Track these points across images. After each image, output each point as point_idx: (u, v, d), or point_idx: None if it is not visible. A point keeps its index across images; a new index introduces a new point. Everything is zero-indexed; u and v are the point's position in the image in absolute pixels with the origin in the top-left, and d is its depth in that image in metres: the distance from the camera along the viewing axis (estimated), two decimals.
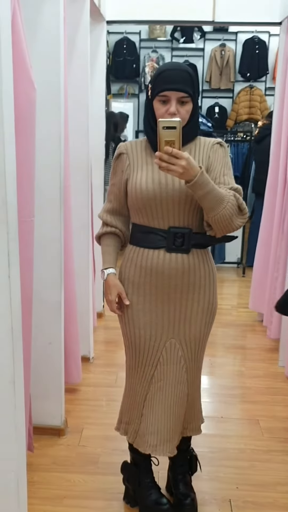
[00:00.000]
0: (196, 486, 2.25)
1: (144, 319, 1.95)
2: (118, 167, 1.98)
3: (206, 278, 1.94)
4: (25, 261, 2.15)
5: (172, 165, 1.64)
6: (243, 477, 2.42)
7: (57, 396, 2.66)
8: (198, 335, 1.97)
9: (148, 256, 1.91)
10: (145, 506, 2.10)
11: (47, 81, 2.34)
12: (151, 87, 1.84)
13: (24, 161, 2.06)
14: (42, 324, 2.55)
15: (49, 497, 2.25)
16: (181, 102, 1.80)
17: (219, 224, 1.77)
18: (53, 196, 2.46)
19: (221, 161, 1.91)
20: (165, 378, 1.97)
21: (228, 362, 3.74)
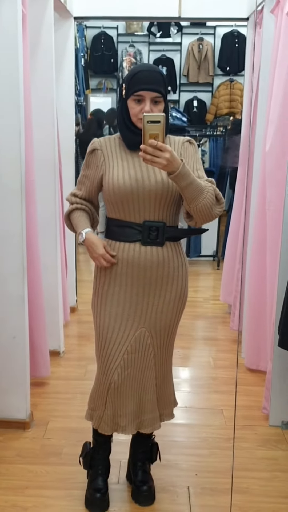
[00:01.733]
0: (156, 474, 2.30)
1: (117, 310, 2.01)
2: (91, 161, 2.03)
3: (179, 269, 2.02)
4: None
5: (157, 158, 1.71)
6: (203, 464, 2.48)
7: (22, 390, 2.70)
8: (168, 323, 2.05)
9: (124, 249, 1.97)
10: (87, 490, 2.21)
11: (6, 78, 2.37)
12: (126, 87, 1.92)
13: None
14: (6, 318, 2.59)
15: (11, 488, 2.29)
16: (154, 102, 1.89)
17: (200, 213, 1.86)
18: (14, 190, 2.49)
19: (193, 158, 2.00)
20: (132, 365, 2.03)
21: (198, 353, 3.80)
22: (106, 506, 2.17)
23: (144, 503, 2.21)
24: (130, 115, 1.93)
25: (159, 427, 2.18)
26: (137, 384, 2.07)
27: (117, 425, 2.10)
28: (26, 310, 2.64)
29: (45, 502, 2.21)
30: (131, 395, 2.07)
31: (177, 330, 2.14)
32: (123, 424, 2.09)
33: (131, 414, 2.09)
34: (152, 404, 2.12)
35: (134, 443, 2.30)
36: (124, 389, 2.05)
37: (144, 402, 2.10)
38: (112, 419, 2.09)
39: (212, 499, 2.26)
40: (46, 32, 3.12)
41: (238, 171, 4.06)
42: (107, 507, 2.17)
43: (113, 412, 2.08)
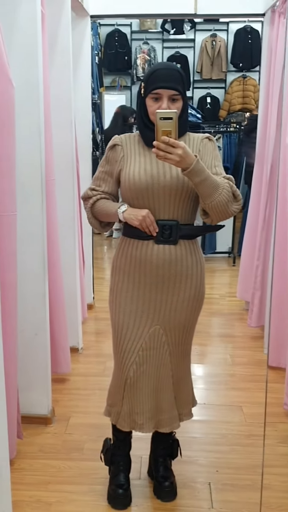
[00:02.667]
0: (176, 470, 2.32)
1: (131, 307, 2.03)
2: (111, 156, 2.05)
3: (193, 267, 2.02)
4: (8, 255, 2.22)
5: (169, 154, 1.73)
6: (223, 460, 2.49)
7: (44, 386, 2.73)
8: (183, 322, 2.05)
9: (138, 247, 1.99)
10: (109, 486, 2.24)
11: (26, 78, 2.39)
12: (144, 85, 1.94)
13: (4, 156, 2.12)
14: (28, 316, 2.62)
15: (34, 483, 2.32)
16: (172, 100, 1.90)
17: (216, 210, 1.86)
18: (35, 191, 2.51)
19: (211, 154, 2.00)
20: (147, 362, 2.05)
21: (215, 350, 3.81)
22: (128, 502, 2.20)
23: (166, 499, 2.23)
24: (148, 113, 1.94)
25: (178, 426, 2.18)
26: (153, 382, 2.08)
27: (134, 422, 2.12)
28: (47, 307, 2.67)
29: (68, 497, 2.24)
30: (148, 392, 2.08)
31: (194, 329, 2.14)
32: (140, 422, 2.10)
33: (148, 412, 2.10)
34: (169, 403, 2.12)
35: (154, 440, 2.32)
36: (140, 385, 2.07)
37: (161, 401, 2.11)
38: (129, 416, 2.11)
39: (234, 495, 2.27)
40: (64, 31, 3.14)
41: (255, 166, 4.05)
42: (130, 503, 2.19)
43: (130, 409, 2.10)
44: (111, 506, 2.18)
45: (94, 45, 7.32)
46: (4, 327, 1.97)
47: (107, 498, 2.21)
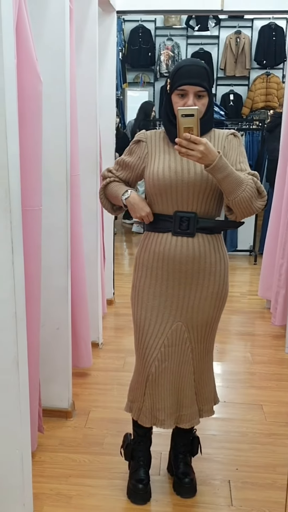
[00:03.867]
0: (196, 467, 2.32)
1: (153, 302, 2.03)
2: (135, 150, 2.07)
3: (217, 264, 2.01)
4: (33, 248, 2.23)
5: (191, 150, 1.73)
6: (243, 459, 2.49)
7: (65, 380, 2.75)
8: (206, 319, 2.05)
9: (157, 241, 2.00)
10: (129, 481, 2.24)
11: (53, 73, 2.39)
12: (170, 82, 1.94)
13: (30, 151, 2.13)
14: (50, 310, 2.63)
15: (55, 476, 2.34)
16: (197, 96, 1.89)
17: (239, 206, 1.85)
18: (60, 186, 2.52)
19: (236, 150, 1.99)
20: (169, 359, 2.05)
21: (235, 348, 3.80)
22: (148, 497, 2.20)
23: (186, 495, 2.23)
24: (174, 110, 1.93)
25: (198, 422, 2.18)
26: (175, 378, 2.08)
27: (155, 418, 2.12)
28: (69, 301, 2.69)
29: (88, 491, 2.25)
30: (169, 388, 2.08)
31: (217, 326, 2.14)
32: (162, 418, 2.11)
33: (169, 408, 2.10)
34: (190, 400, 2.12)
35: (175, 436, 2.32)
36: (162, 382, 2.07)
37: (182, 397, 2.11)
38: (150, 412, 2.11)
39: (253, 493, 2.26)
40: (91, 27, 3.14)
41: (279, 164, 4.02)
42: (149, 498, 2.20)
43: (152, 405, 2.10)
44: (131, 501, 2.19)
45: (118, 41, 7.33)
46: (27, 320, 1.98)
47: (126, 493, 2.22)
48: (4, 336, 1.81)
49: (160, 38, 8.65)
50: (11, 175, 1.70)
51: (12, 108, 1.70)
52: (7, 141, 1.66)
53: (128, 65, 8.62)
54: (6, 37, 1.62)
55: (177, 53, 8.53)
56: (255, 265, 5.75)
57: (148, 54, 8.59)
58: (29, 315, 2.06)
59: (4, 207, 1.72)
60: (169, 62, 8.49)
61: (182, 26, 8.55)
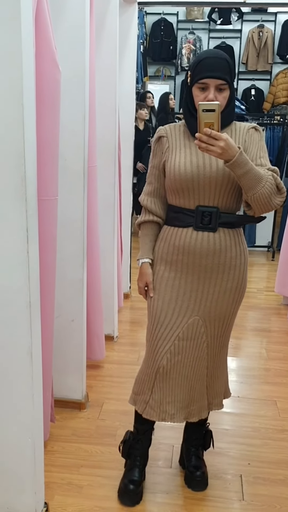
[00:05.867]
0: (208, 460, 2.32)
1: (171, 295, 2.02)
2: (158, 149, 2.05)
3: (237, 259, 1.99)
4: (49, 239, 2.23)
5: (211, 146, 1.71)
6: (255, 454, 2.47)
7: (79, 371, 2.76)
8: (223, 313, 2.03)
9: (178, 235, 1.98)
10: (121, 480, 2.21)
11: (73, 63, 2.38)
12: (191, 74, 1.91)
13: (48, 141, 2.13)
14: (65, 302, 2.64)
15: (67, 466, 2.35)
16: (219, 89, 1.86)
17: (258, 203, 1.82)
18: (77, 176, 2.52)
19: (257, 145, 1.96)
20: (183, 352, 2.03)
21: (250, 344, 3.78)
22: (138, 499, 2.15)
23: (197, 489, 2.22)
24: (194, 103, 1.91)
25: (206, 415, 2.17)
26: (188, 372, 2.06)
27: (165, 413, 2.09)
28: (84, 294, 2.69)
29: (100, 481, 2.25)
30: (181, 382, 2.06)
31: (234, 321, 2.12)
32: (172, 412, 2.08)
33: (180, 402, 2.08)
34: (200, 394, 2.11)
35: (187, 430, 2.31)
36: (173, 375, 2.05)
37: (194, 392, 2.09)
38: (159, 406, 2.09)
39: (265, 489, 2.25)
40: (111, 17, 3.12)
41: None
42: (139, 500, 2.15)
43: (161, 399, 2.08)
44: (119, 501, 2.14)
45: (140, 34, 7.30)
46: (41, 311, 1.99)
47: (117, 491, 2.18)
48: (18, 325, 1.81)
49: (182, 32, 8.60)
50: (27, 163, 1.70)
51: (30, 97, 1.69)
52: (24, 129, 1.66)
53: (149, 58, 8.58)
54: (25, 26, 1.61)
55: (198, 47, 8.48)
56: (272, 261, 5.71)
57: (169, 47, 8.56)
58: (43, 306, 2.06)
59: (19, 195, 1.72)
60: (191, 56, 8.44)
61: (204, 20, 8.49)
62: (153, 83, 8.71)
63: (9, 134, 1.66)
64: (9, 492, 1.97)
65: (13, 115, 1.65)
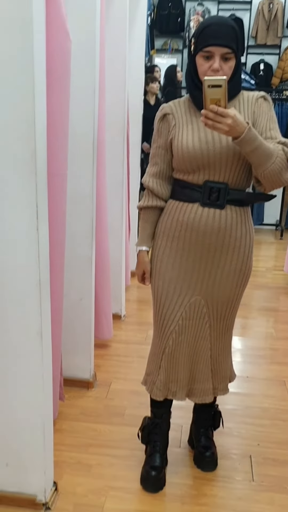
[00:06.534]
0: (217, 441, 2.30)
1: (172, 274, 1.96)
2: (163, 128, 1.95)
3: (242, 239, 1.92)
4: (58, 215, 2.17)
5: (218, 123, 1.63)
6: (265, 434, 2.45)
7: (87, 350, 2.73)
8: (227, 296, 1.97)
9: (183, 210, 1.91)
10: (143, 466, 2.16)
11: (83, 33, 2.30)
12: (194, 42, 1.79)
13: (57, 112, 2.05)
14: (74, 280, 2.59)
15: (75, 445, 2.33)
16: (224, 58, 1.75)
17: (269, 179, 1.75)
18: (86, 151, 2.45)
19: (266, 115, 1.86)
20: (186, 332, 1.99)
21: (259, 323, 3.74)
22: (161, 485, 2.11)
23: (206, 469, 2.20)
24: (198, 73, 1.80)
25: (210, 400, 2.12)
26: (191, 351, 2.03)
27: (168, 390, 2.07)
28: (93, 272, 2.64)
29: (109, 461, 2.24)
30: (184, 362, 2.03)
31: (238, 305, 2.05)
32: (174, 389, 2.06)
33: (182, 381, 2.06)
34: (204, 375, 2.07)
35: (196, 411, 2.29)
36: (177, 355, 2.02)
37: (196, 371, 2.06)
38: (164, 385, 2.06)
39: (275, 469, 2.23)
40: None
41: None
42: (163, 486, 2.11)
43: (166, 378, 2.05)
44: (142, 488, 2.10)
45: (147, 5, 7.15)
46: (51, 290, 1.94)
47: (140, 478, 2.14)
48: (28, 304, 1.78)
49: (190, 3, 8.41)
50: (38, 136, 1.64)
51: (41, 66, 1.62)
52: (34, 100, 1.59)
53: (157, 31, 8.41)
54: None
55: None
56: (281, 240, 5.66)
57: (177, 19, 8.37)
58: (52, 284, 2.01)
59: (29, 170, 1.66)
60: None
61: None
62: (160, 57, 8.55)
63: (19, 106, 1.60)
64: (18, 472, 1.96)
65: (23, 85, 1.58)
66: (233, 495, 2.08)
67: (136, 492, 2.08)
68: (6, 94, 1.60)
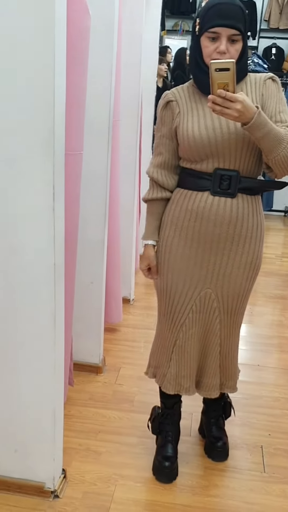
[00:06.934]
0: (229, 430, 2.26)
1: (181, 265, 1.88)
2: (167, 116, 1.86)
3: (254, 230, 1.84)
4: (72, 196, 2.10)
5: (227, 109, 1.54)
6: (276, 424, 2.42)
7: (97, 335, 2.69)
8: (237, 290, 1.89)
9: (192, 198, 1.82)
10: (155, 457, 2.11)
11: (102, 10, 2.22)
12: (200, 22, 1.68)
13: (75, 90, 1.97)
14: (85, 263, 2.54)
15: (84, 431, 2.30)
16: (231, 40, 1.65)
17: (280, 165, 1.67)
18: (102, 130, 2.39)
19: (275, 97, 1.77)
20: (197, 325, 1.93)
21: (268, 311, 3.70)
22: (174, 475, 2.06)
23: (218, 459, 2.17)
24: (203, 55, 1.70)
25: (217, 395, 2.06)
26: (200, 346, 1.97)
27: (180, 385, 2.01)
28: (105, 255, 2.59)
29: (118, 448, 2.20)
30: (193, 355, 1.97)
31: (248, 299, 1.97)
32: (187, 385, 2.01)
33: (192, 375, 2.01)
34: (212, 370, 2.01)
35: (206, 401, 2.24)
36: (187, 348, 1.96)
37: (205, 365, 2.01)
38: (175, 379, 2.01)
39: (286, 461, 2.20)
40: None
41: None
42: (176, 477, 2.07)
43: (177, 372, 2.00)
44: (155, 478, 2.05)
45: None
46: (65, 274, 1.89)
47: (152, 468, 2.09)
48: (42, 288, 1.72)
49: None
50: (57, 115, 1.58)
51: (61, 42, 1.55)
52: (54, 78, 1.52)
53: (168, 11, 8.25)
54: None
55: None
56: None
57: (189, 0, 8.21)
58: (65, 267, 1.96)
59: (47, 149, 1.60)
60: None
61: None
62: (170, 38, 8.40)
63: (39, 83, 1.53)
64: (26, 458, 1.92)
65: (43, 62, 1.51)
66: (245, 487, 2.04)
67: (146, 482, 2.04)
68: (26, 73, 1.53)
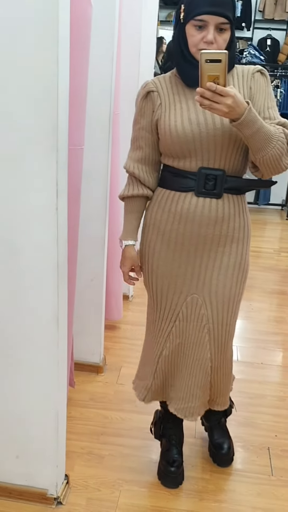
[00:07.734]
0: (233, 431, 2.20)
1: (165, 269, 1.78)
2: (146, 107, 1.73)
3: (240, 230, 1.74)
4: (74, 193, 2.03)
5: (216, 103, 1.43)
6: (282, 425, 2.37)
7: (97, 333, 2.63)
8: (227, 294, 1.76)
9: (175, 200, 1.71)
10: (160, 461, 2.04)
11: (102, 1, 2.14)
12: (185, 8, 1.57)
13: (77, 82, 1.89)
14: (85, 260, 2.47)
15: (86, 433, 2.24)
16: (219, 29, 1.54)
17: (268, 165, 1.57)
18: (102, 124, 2.32)
19: (264, 92, 1.67)
20: (183, 336, 1.82)
21: (270, 307, 3.64)
22: (180, 480, 2.00)
23: (223, 465, 2.10)
24: (188, 45, 1.59)
25: (202, 413, 1.95)
26: (188, 361, 1.84)
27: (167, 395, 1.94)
28: (105, 252, 2.52)
29: (121, 451, 2.14)
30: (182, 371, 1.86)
31: (238, 307, 1.83)
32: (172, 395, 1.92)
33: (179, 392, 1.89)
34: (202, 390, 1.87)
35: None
36: (174, 359, 1.86)
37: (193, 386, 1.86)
38: (162, 388, 1.93)
39: None
40: None
41: None
42: (182, 481, 2.01)
43: (163, 381, 1.92)
44: (161, 483, 1.99)
45: None
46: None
47: (157, 473, 2.03)
48: (45, 288, 1.66)
49: None
50: (60, 108, 1.50)
51: (65, 33, 1.47)
52: (58, 70, 1.45)
53: (161, 1, 8.14)
54: None
55: None
56: (287, 221, 5.53)
57: None
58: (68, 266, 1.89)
59: (50, 144, 1.53)
60: None
61: None
62: (164, 28, 8.29)
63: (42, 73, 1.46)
64: (29, 464, 1.86)
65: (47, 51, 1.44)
66: (252, 491, 1.99)
67: (151, 486, 1.99)
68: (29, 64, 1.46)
